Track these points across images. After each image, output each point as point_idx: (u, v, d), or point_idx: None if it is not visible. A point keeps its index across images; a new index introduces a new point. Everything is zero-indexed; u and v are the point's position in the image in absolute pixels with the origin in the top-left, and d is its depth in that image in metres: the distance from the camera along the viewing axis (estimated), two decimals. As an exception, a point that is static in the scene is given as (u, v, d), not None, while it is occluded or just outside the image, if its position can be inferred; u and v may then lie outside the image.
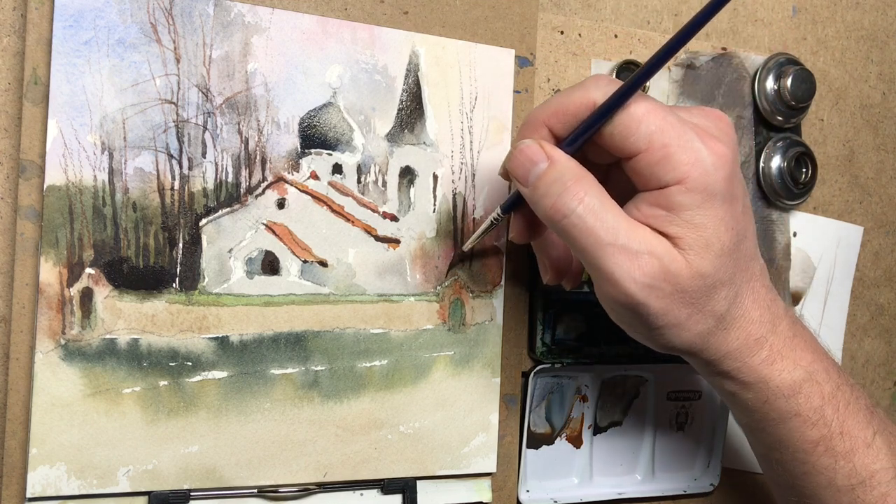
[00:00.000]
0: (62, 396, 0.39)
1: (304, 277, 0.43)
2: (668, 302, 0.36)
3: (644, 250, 0.35)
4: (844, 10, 0.60)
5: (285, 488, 0.43)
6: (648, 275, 0.35)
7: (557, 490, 0.51)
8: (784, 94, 0.54)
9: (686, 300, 0.36)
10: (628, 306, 0.36)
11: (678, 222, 0.35)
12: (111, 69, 0.39)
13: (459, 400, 0.46)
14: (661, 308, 0.36)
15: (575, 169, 0.36)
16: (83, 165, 0.39)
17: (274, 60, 0.42)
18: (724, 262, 0.36)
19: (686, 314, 0.37)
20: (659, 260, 0.35)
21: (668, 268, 0.35)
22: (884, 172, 0.62)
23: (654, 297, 0.36)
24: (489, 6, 0.47)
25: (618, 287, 0.35)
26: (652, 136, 0.35)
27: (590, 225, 0.35)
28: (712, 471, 0.54)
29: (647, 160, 0.35)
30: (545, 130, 0.38)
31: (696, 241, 0.35)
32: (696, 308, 0.37)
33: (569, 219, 0.35)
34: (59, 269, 0.39)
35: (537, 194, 0.36)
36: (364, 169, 0.44)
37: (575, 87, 0.37)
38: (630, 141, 0.35)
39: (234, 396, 0.42)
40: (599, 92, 0.36)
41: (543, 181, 0.36)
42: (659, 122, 0.35)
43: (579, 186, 0.35)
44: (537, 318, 0.49)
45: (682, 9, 0.54)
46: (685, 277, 0.36)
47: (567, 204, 0.35)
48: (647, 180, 0.36)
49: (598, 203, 0.35)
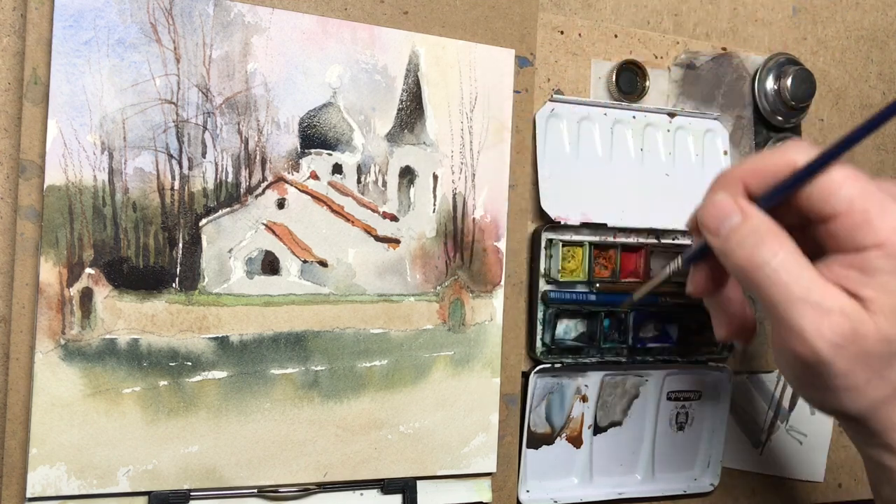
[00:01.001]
0: (62, 396, 0.39)
1: (304, 277, 0.43)
2: (852, 364, 0.36)
3: (836, 308, 0.35)
4: (844, 10, 0.60)
5: (285, 488, 0.43)
6: (838, 333, 0.35)
7: (557, 490, 0.51)
8: (784, 94, 0.54)
9: (868, 364, 0.36)
10: (812, 364, 0.36)
11: (873, 285, 0.36)
12: (111, 69, 0.39)
13: (459, 400, 0.46)
14: (844, 369, 0.36)
15: (770, 223, 0.37)
16: (83, 165, 0.39)
17: (274, 60, 0.42)
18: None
19: (865, 378, 0.37)
20: (849, 320, 0.35)
21: (857, 329, 0.36)
22: (884, 172, 0.61)
23: (839, 357, 0.36)
24: (489, 6, 0.47)
25: (805, 343, 0.36)
26: (853, 199, 0.36)
27: (784, 279, 0.36)
28: (712, 471, 0.54)
29: (846, 223, 0.36)
30: (740, 186, 0.39)
31: (888, 305, 0.36)
32: (875, 373, 0.37)
33: (763, 270, 0.36)
34: (59, 269, 0.39)
35: (730, 245, 0.37)
36: (364, 169, 0.44)
37: (774, 150, 0.39)
38: (829, 204, 0.36)
39: (234, 396, 0.42)
40: (801, 155, 0.37)
41: (738, 233, 0.37)
42: (859, 187, 0.36)
43: (775, 241, 0.36)
44: (537, 318, 0.49)
45: (682, 9, 0.54)
46: (872, 340, 0.36)
47: (762, 255, 0.36)
48: (842, 243, 0.37)
49: (792, 258, 0.36)
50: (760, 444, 0.57)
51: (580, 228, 0.49)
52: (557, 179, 0.49)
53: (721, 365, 0.54)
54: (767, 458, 0.57)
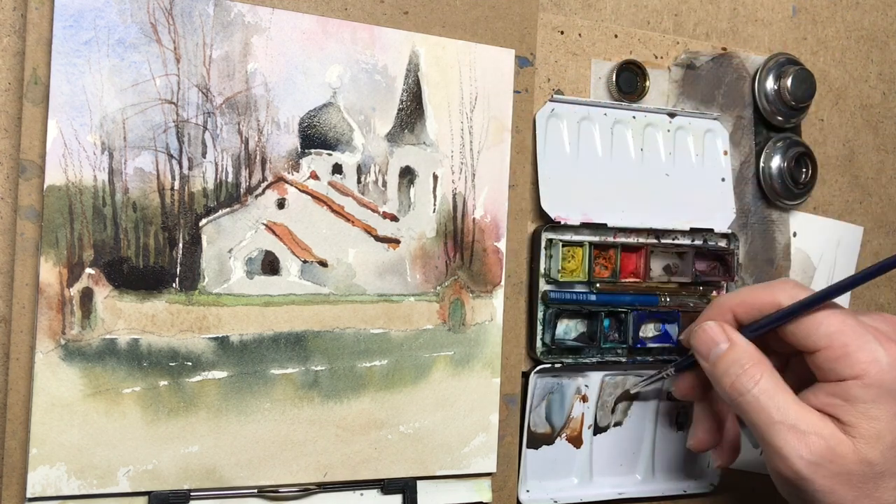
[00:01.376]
0: (62, 396, 0.39)
1: (304, 277, 0.43)
2: (834, 482, 0.39)
3: (811, 431, 0.39)
4: (844, 10, 0.60)
5: (285, 488, 0.43)
6: (815, 453, 0.39)
7: (557, 490, 0.51)
8: (784, 94, 0.54)
9: (853, 483, 0.39)
10: (795, 482, 0.39)
11: (853, 413, 0.39)
12: (111, 69, 0.39)
13: (459, 400, 0.46)
14: (826, 486, 0.39)
15: (753, 353, 0.41)
16: (83, 165, 0.39)
17: (274, 60, 0.42)
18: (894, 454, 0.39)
19: (853, 496, 0.39)
20: (826, 441, 0.39)
21: (834, 448, 0.39)
22: (884, 172, 0.62)
23: (819, 475, 0.39)
24: (489, 6, 0.47)
25: (785, 462, 0.39)
26: (832, 336, 0.40)
27: (763, 404, 0.40)
28: (712, 471, 0.54)
29: (827, 356, 0.40)
30: (730, 315, 0.43)
31: (868, 430, 0.39)
32: (863, 493, 0.39)
33: (745, 397, 0.40)
34: (59, 269, 0.39)
35: (717, 371, 0.42)
36: (364, 169, 0.44)
37: (764, 286, 0.43)
38: (811, 339, 0.40)
39: (234, 396, 0.42)
40: (785, 294, 0.41)
41: (724, 360, 0.42)
42: (838, 324, 0.40)
43: (756, 369, 0.41)
44: (537, 318, 0.49)
45: (682, 9, 0.54)
46: (851, 461, 0.39)
47: (744, 384, 0.40)
48: (826, 373, 0.40)
49: (771, 386, 0.40)
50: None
51: (580, 228, 0.49)
52: (557, 179, 0.49)
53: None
54: (767, 458, 0.57)
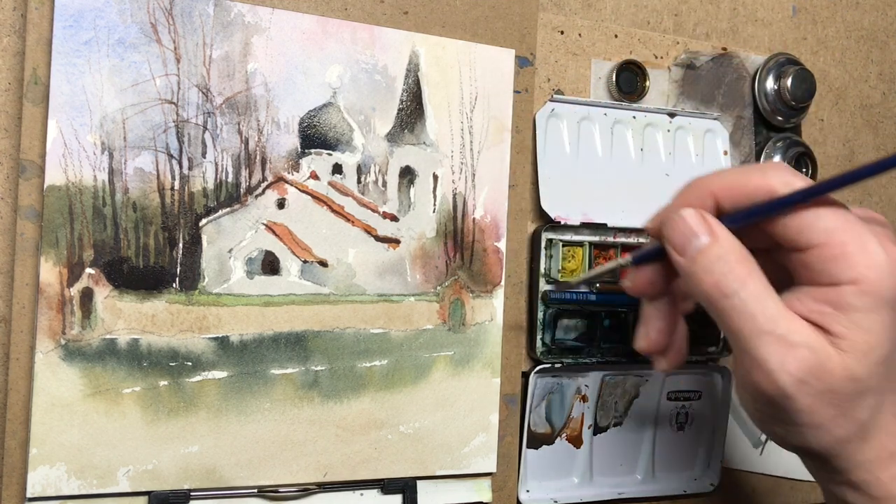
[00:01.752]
0: (62, 396, 0.39)
1: (304, 277, 0.43)
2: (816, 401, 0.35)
3: (802, 343, 0.34)
4: (844, 10, 0.60)
5: (285, 488, 0.43)
6: (803, 368, 0.34)
7: (557, 490, 0.51)
8: (784, 94, 0.54)
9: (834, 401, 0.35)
10: (775, 399, 0.35)
11: (845, 322, 0.34)
12: (111, 69, 0.39)
13: (459, 400, 0.46)
14: (808, 405, 0.35)
15: (739, 249, 0.35)
16: (83, 165, 0.39)
17: (274, 60, 0.42)
18: (879, 370, 0.35)
19: (831, 415, 0.35)
20: (816, 354, 0.34)
21: (823, 364, 0.34)
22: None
23: (803, 393, 0.34)
24: (489, 6, 0.47)
25: (769, 377, 0.34)
26: (830, 232, 0.34)
27: (750, 309, 0.34)
28: (712, 471, 0.54)
29: (822, 255, 0.35)
30: (711, 201, 0.37)
31: (858, 344, 0.34)
32: (841, 411, 0.35)
33: (729, 300, 0.35)
34: (59, 269, 0.39)
35: (697, 268, 0.36)
36: (364, 169, 0.44)
37: (752, 169, 0.37)
38: (805, 235, 0.35)
39: (234, 396, 0.42)
40: (780, 180, 0.35)
41: (706, 256, 0.35)
42: (839, 219, 0.34)
43: (743, 268, 0.35)
44: (537, 318, 0.49)
45: (682, 9, 0.54)
46: (838, 378, 0.34)
47: (730, 284, 0.34)
48: (817, 275, 0.35)
49: (760, 289, 0.35)
50: (760, 444, 0.57)
51: (580, 228, 0.49)
52: (557, 179, 0.49)
53: (721, 365, 0.54)
54: (767, 458, 0.57)
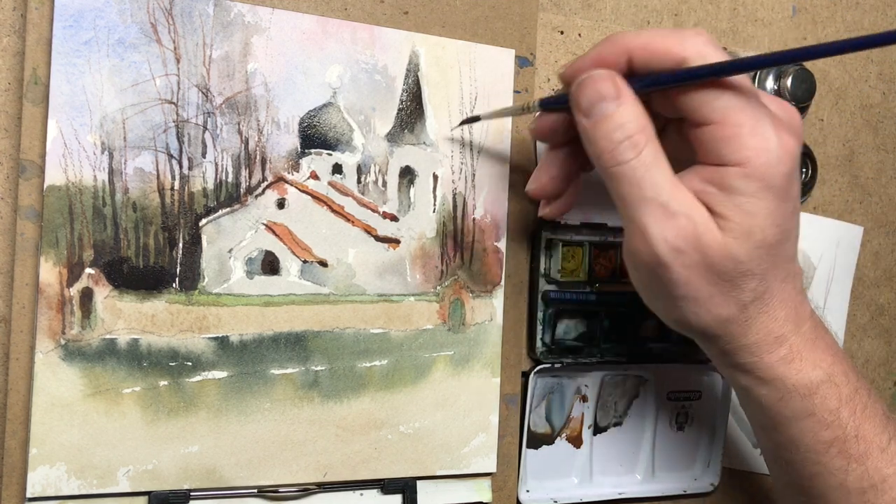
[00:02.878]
0: (62, 396, 0.39)
1: (304, 277, 0.43)
2: (693, 272, 0.35)
3: (682, 212, 0.35)
4: (844, 10, 0.60)
5: (285, 488, 0.43)
6: (680, 237, 0.35)
7: (557, 490, 0.51)
8: (784, 94, 0.54)
9: (711, 278, 0.36)
10: (652, 266, 0.36)
11: (727, 204, 0.35)
12: (111, 69, 0.39)
13: (459, 400, 0.46)
14: (684, 276, 0.35)
15: (642, 118, 0.35)
16: (83, 165, 0.39)
17: (274, 60, 0.42)
18: (761, 254, 0.36)
19: (708, 292, 0.36)
20: (694, 225, 0.35)
21: (701, 236, 0.35)
22: (884, 172, 0.62)
23: (679, 262, 0.35)
24: (489, 6, 0.47)
25: (647, 243, 0.35)
26: (727, 110, 0.34)
27: (638, 177, 0.35)
28: (712, 471, 0.54)
29: (715, 134, 0.35)
30: (625, 59, 0.37)
31: (739, 226, 0.35)
32: (720, 290, 0.36)
33: (621, 167, 0.35)
34: (59, 269, 0.39)
35: (597, 132, 0.36)
36: (364, 169, 0.44)
37: (670, 32, 0.36)
38: (703, 110, 0.35)
39: (234, 396, 0.42)
40: (694, 50, 0.35)
41: (609, 121, 0.35)
42: (739, 99, 0.34)
43: (641, 136, 0.35)
44: (537, 318, 0.49)
45: (682, 9, 0.54)
46: (716, 254, 0.35)
47: (624, 153, 0.35)
48: (708, 153, 0.35)
49: (652, 158, 0.35)
50: (760, 444, 0.57)
51: (580, 228, 0.49)
52: (557, 179, 0.49)
53: (721, 365, 0.54)
54: (767, 458, 0.57)
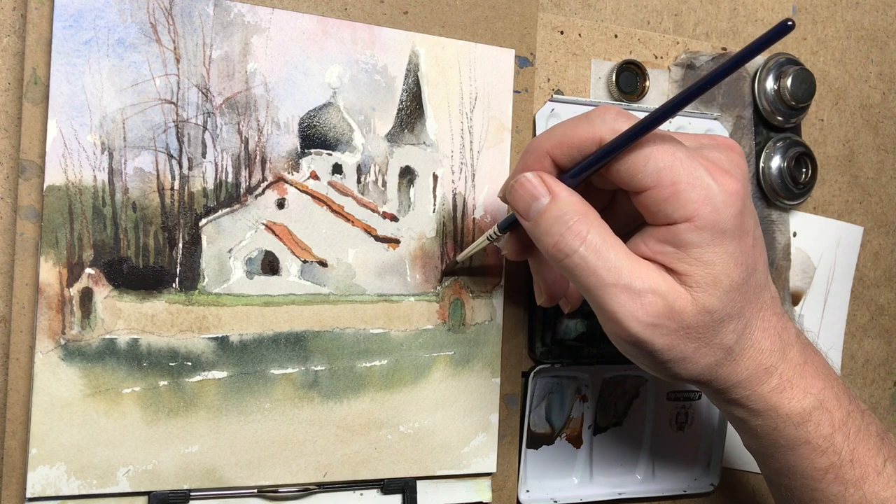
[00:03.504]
0: (62, 396, 0.39)
1: (304, 277, 0.43)
2: (673, 339, 0.36)
3: (647, 289, 0.35)
4: (844, 10, 0.60)
5: (285, 488, 0.43)
6: (651, 314, 0.35)
7: (557, 490, 0.51)
8: (784, 94, 0.54)
9: (692, 335, 0.36)
10: (632, 344, 0.36)
11: (687, 259, 0.35)
12: (111, 69, 0.39)
13: (459, 400, 0.46)
14: (666, 345, 0.36)
15: (578, 205, 0.36)
16: (83, 165, 0.39)
17: (274, 60, 0.42)
18: (733, 297, 0.36)
19: (693, 348, 0.36)
20: (663, 298, 0.35)
21: (672, 306, 0.35)
22: (884, 172, 0.62)
23: (657, 336, 0.35)
24: (489, 6, 0.47)
25: (620, 326, 0.35)
26: (660, 172, 0.34)
27: (592, 264, 0.35)
28: (712, 471, 0.54)
29: (655, 197, 0.35)
30: (548, 161, 0.37)
31: (704, 278, 0.35)
32: (703, 342, 0.36)
33: (571, 258, 0.35)
34: (59, 269, 0.39)
35: (539, 231, 0.36)
36: (364, 169, 0.44)
37: (581, 119, 0.36)
38: (637, 178, 0.35)
39: (234, 396, 0.42)
40: (606, 127, 0.35)
41: (545, 218, 0.36)
42: (667, 158, 0.34)
43: (582, 224, 0.35)
44: (537, 318, 0.49)
45: (682, 9, 0.54)
46: (690, 314, 0.35)
47: (569, 244, 0.35)
48: (654, 216, 0.35)
49: (600, 241, 0.35)
50: (760, 444, 0.57)
51: (580, 228, 0.49)
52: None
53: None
54: (767, 458, 0.57)
